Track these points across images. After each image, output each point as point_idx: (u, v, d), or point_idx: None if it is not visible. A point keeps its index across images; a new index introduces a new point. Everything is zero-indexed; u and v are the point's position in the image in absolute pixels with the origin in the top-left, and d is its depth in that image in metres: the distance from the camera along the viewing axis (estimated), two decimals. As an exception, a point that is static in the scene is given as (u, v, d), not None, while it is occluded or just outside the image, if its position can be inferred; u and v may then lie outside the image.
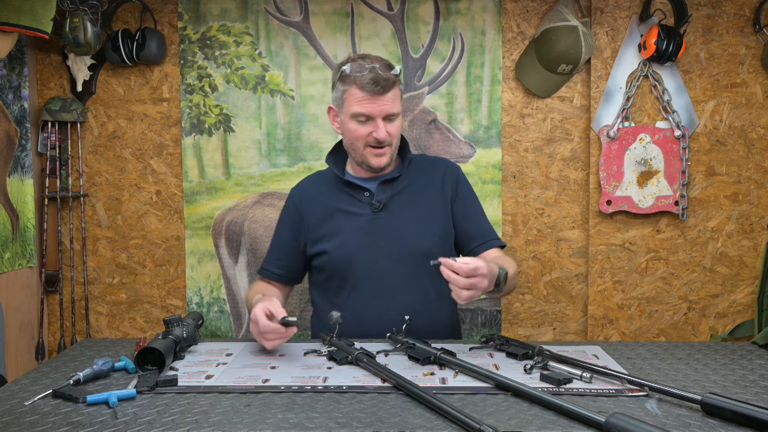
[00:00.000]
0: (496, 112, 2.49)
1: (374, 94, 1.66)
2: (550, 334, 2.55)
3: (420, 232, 1.75)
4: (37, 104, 2.51)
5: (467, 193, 1.85)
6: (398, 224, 1.75)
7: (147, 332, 2.57)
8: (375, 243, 1.74)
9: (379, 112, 1.68)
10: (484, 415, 1.11)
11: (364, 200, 1.76)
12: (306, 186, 1.90)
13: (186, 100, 2.51)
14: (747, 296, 2.47)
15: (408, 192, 1.78)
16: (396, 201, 1.77)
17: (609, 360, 1.46)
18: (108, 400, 1.17)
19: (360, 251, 1.74)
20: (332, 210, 1.79)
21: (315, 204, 1.82)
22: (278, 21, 2.49)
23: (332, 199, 1.80)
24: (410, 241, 1.74)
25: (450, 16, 2.47)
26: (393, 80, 1.68)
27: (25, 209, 2.43)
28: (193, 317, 1.60)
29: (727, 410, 1.08)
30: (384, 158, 1.73)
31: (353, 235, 1.75)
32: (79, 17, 2.28)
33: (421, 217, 1.77)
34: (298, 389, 1.26)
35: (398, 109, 1.72)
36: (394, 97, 1.69)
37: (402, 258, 1.73)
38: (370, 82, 1.65)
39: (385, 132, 1.69)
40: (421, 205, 1.78)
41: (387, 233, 1.74)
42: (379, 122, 1.69)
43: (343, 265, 1.76)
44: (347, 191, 1.79)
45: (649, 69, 2.41)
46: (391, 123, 1.71)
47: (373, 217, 1.75)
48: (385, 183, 1.78)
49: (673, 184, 2.43)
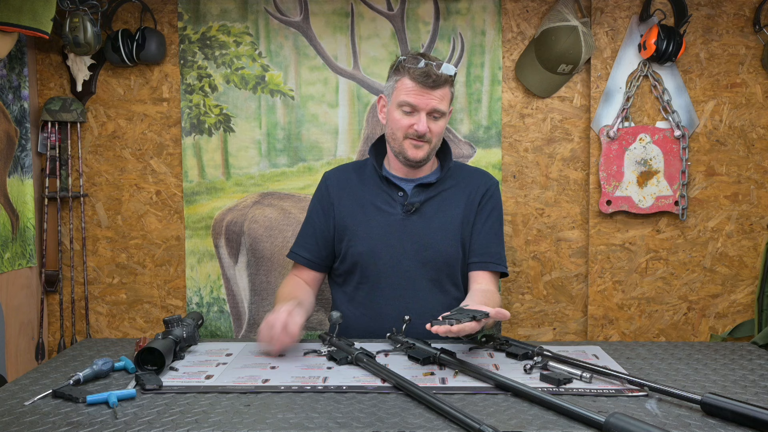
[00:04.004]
0: (496, 112, 2.49)
1: (424, 86, 1.69)
2: (550, 334, 2.55)
3: (447, 239, 1.76)
4: (37, 104, 2.51)
5: (492, 208, 1.84)
6: (427, 229, 1.75)
7: (147, 332, 2.57)
8: (401, 244, 1.75)
9: (425, 105, 1.70)
10: (484, 415, 1.11)
11: (397, 199, 1.77)
12: (341, 172, 1.91)
13: (186, 100, 2.51)
14: (747, 296, 2.47)
15: (441, 198, 1.79)
16: (428, 206, 1.78)
17: (609, 360, 1.46)
18: (108, 400, 1.18)
19: (386, 249, 1.75)
20: (364, 202, 1.80)
21: (347, 191, 1.83)
22: (278, 21, 2.49)
23: (366, 191, 1.81)
24: (436, 247, 1.75)
25: (450, 16, 2.47)
26: (445, 78, 1.70)
27: (25, 209, 2.43)
28: (193, 317, 1.60)
29: (727, 410, 1.08)
30: (421, 152, 1.74)
31: (381, 233, 1.76)
32: (79, 17, 2.28)
33: (450, 225, 1.77)
34: (298, 389, 1.26)
35: (445, 108, 1.73)
36: (443, 96, 1.71)
37: (426, 263, 1.74)
38: (422, 74, 1.68)
39: (427, 126, 1.71)
40: (451, 214, 1.78)
41: (415, 236, 1.75)
42: (423, 116, 1.71)
43: (367, 259, 1.76)
44: (382, 187, 1.80)
45: (649, 69, 2.41)
46: (435, 121, 1.73)
47: (403, 218, 1.76)
48: (421, 186, 1.78)
49: (673, 184, 2.43)
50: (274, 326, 1.48)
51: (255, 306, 2.55)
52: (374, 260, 1.75)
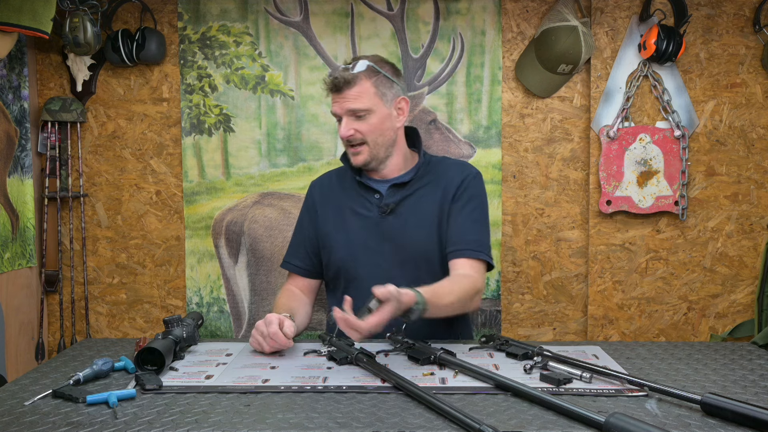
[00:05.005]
0: (496, 112, 2.49)
1: (337, 92, 1.68)
2: (550, 334, 2.55)
3: (424, 237, 1.74)
4: (37, 104, 2.51)
5: (469, 198, 1.76)
6: (404, 229, 1.74)
7: (147, 332, 2.57)
8: (379, 246, 1.74)
9: (341, 109, 1.69)
10: (484, 415, 1.11)
11: (373, 202, 1.76)
12: (324, 179, 1.91)
13: (186, 100, 2.51)
14: (747, 296, 2.47)
15: (417, 196, 1.76)
16: (404, 205, 1.75)
17: (609, 360, 1.46)
18: (108, 400, 1.17)
19: (365, 253, 1.74)
20: (344, 208, 1.79)
21: (329, 199, 1.83)
22: (278, 21, 2.49)
23: (345, 197, 1.80)
24: (415, 246, 1.73)
25: (450, 16, 2.47)
26: (350, 77, 1.66)
27: (24, 209, 2.43)
28: (193, 317, 1.60)
29: (727, 410, 1.08)
30: (360, 157, 1.72)
31: (360, 237, 1.75)
32: (79, 17, 2.28)
33: (426, 222, 1.75)
34: (298, 389, 1.26)
35: (365, 105, 1.67)
36: (359, 93, 1.66)
37: (405, 262, 1.73)
38: (331, 83, 1.68)
39: (350, 130, 1.68)
40: (427, 211, 1.75)
41: (392, 237, 1.74)
42: (344, 120, 1.69)
43: (348, 264, 1.76)
44: (359, 191, 1.79)
45: (649, 69, 2.41)
46: (361, 120, 1.68)
47: (380, 220, 1.74)
48: (395, 186, 1.77)
49: (673, 184, 2.43)
50: (272, 322, 1.48)
51: (255, 306, 2.55)
52: (355, 264, 1.75)
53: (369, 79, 1.67)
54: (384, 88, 1.69)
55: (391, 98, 1.72)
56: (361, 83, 1.67)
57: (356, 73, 1.66)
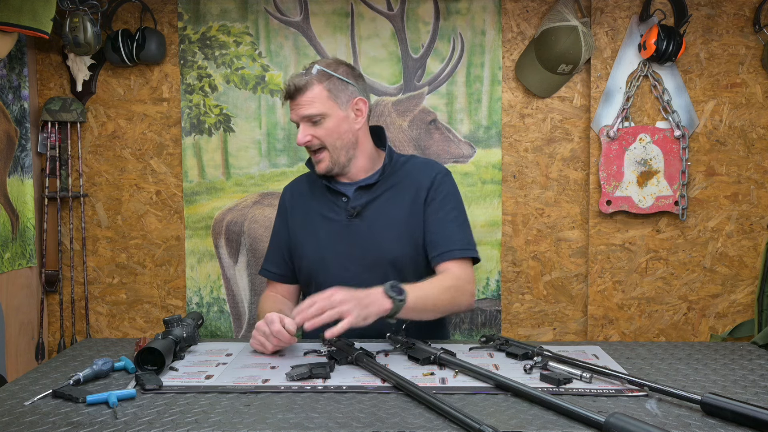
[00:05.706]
0: (496, 112, 2.49)
1: (292, 100, 1.68)
2: (550, 334, 2.55)
3: (393, 240, 1.72)
4: (37, 104, 2.51)
5: (443, 198, 1.74)
6: (371, 232, 1.72)
7: (147, 332, 2.57)
8: (348, 249, 1.72)
9: (296, 117, 1.69)
10: (484, 415, 1.11)
11: (341, 205, 1.75)
12: (295, 184, 1.90)
13: (186, 100, 2.51)
14: (747, 296, 2.47)
15: (384, 198, 1.74)
16: (371, 208, 1.73)
17: (609, 360, 1.46)
18: (108, 400, 1.17)
19: (334, 257, 1.73)
20: (313, 213, 1.78)
21: (299, 204, 1.82)
22: (278, 21, 2.49)
23: (314, 201, 1.80)
24: (383, 248, 1.71)
25: (450, 16, 2.47)
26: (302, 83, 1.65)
27: (24, 209, 2.43)
28: (193, 317, 1.60)
29: (727, 410, 1.08)
30: (322, 164, 1.71)
31: (328, 241, 1.74)
32: (79, 17, 2.28)
33: (395, 224, 1.72)
34: (298, 389, 1.26)
35: (318, 109, 1.66)
36: (312, 98, 1.65)
37: (373, 266, 1.71)
38: (286, 93, 1.69)
39: (306, 136, 1.68)
40: (395, 213, 1.73)
41: (360, 240, 1.72)
42: (301, 127, 1.69)
43: (318, 269, 1.75)
44: (327, 195, 1.78)
45: (649, 69, 2.41)
46: (316, 125, 1.67)
47: (347, 224, 1.73)
48: (361, 189, 1.75)
49: (673, 184, 2.43)
50: (274, 321, 1.48)
51: (255, 306, 2.55)
52: (324, 269, 1.74)
53: (320, 83, 1.66)
54: (337, 91, 1.68)
55: (346, 100, 1.70)
56: (312, 88, 1.66)
57: (307, 79, 1.66)
